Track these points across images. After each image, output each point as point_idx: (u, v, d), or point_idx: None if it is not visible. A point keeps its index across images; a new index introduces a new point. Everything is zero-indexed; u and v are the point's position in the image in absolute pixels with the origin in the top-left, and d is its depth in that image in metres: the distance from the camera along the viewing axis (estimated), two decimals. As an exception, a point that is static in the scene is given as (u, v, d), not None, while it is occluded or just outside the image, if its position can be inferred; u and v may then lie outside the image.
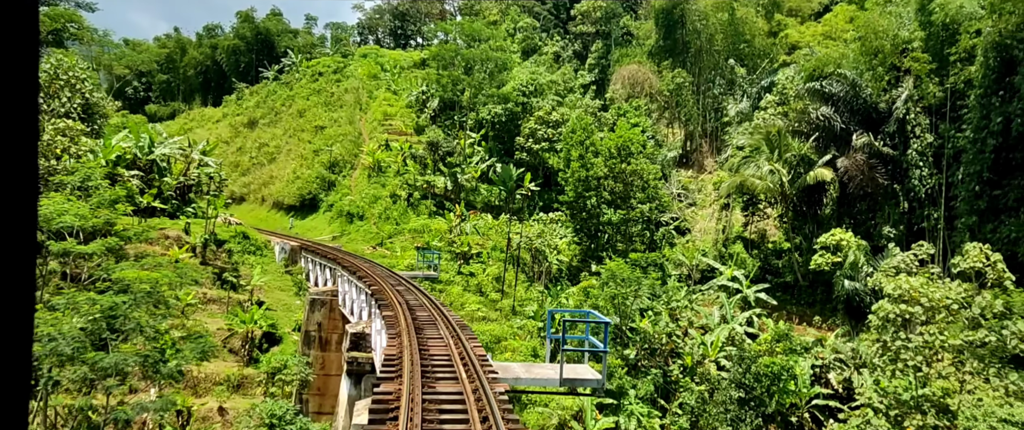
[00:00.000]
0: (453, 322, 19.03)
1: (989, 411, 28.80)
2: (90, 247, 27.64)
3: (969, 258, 34.80)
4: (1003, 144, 42.13)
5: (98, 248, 27.67)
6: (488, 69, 70.37)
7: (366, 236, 56.76)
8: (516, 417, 9.43)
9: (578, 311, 35.58)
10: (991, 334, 30.87)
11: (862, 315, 43.29)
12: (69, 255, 29.08)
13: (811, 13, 78.68)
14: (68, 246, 27.26)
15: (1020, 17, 40.12)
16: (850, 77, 49.09)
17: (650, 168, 55.18)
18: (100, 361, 25.05)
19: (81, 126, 37.02)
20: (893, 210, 49.40)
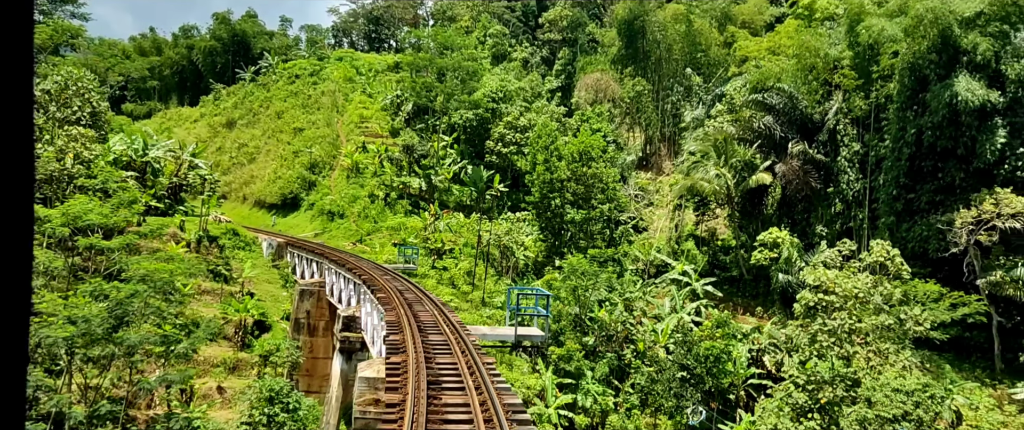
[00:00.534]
0: (436, 301, 23.57)
1: (885, 382, 33.98)
2: (113, 242, 31.61)
3: (874, 253, 40.07)
4: (916, 153, 47.57)
5: (119, 244, 31.65)
6: (460, 76, 74.76)
7: (346, 233, 60.97)
8: (484, 352, 13.93)
9: (528, 288, 40.43)
10: (891, 318, 36.06)
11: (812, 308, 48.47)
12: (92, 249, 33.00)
13: (763, 25, 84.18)
14: (94, 241, 31.21)
15: (931, 41, 45.52)
16: (788, 90, 54.35)
17: (609, 172, 59.94)
18: (128, 339, 29.18)
19: (91, 133, 40.75)
20: (826, 211, 54.78)
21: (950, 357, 45.02)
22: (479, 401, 11.46)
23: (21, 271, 1.40)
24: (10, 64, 1.37)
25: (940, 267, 46.85)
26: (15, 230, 1.39)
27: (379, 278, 28.77)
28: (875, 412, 33.70)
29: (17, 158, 1.37)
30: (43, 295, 30.56)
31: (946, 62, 45.62)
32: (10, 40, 1.36)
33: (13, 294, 1.39)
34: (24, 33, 1.38)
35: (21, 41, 1.38)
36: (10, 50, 1.36)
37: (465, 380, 13.07)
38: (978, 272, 43.99)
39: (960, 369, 44.14)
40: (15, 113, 1.38)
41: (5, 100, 1.37)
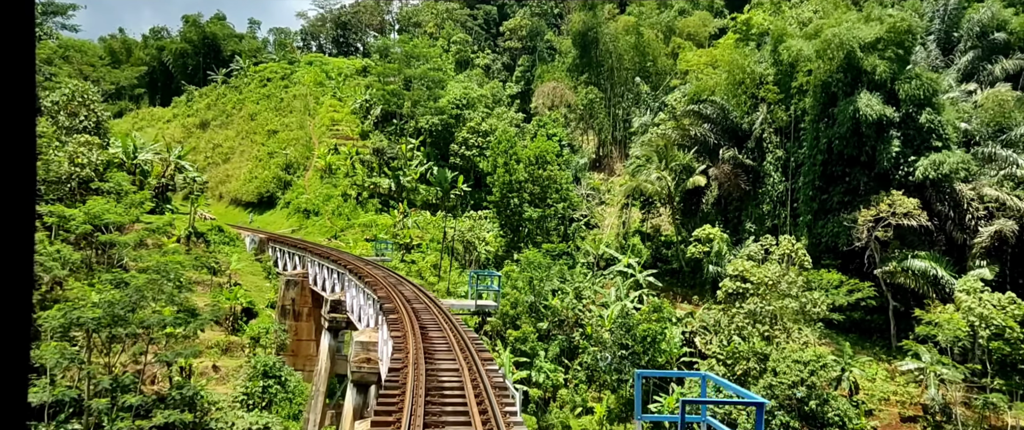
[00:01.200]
0: (413, 284, 29.35)
1: (788, 355, 40.54)
2: (128, 237, 36.80)
3: (782, 247, 46.75)
4: (828, 160, 54.44)
5: (134, 239, 36.85)
6: (426, 84, 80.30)
7: (322, 230, 66.26)
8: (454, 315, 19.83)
9: (485, 272, 46.80)
10: (795, 302, 42.70)
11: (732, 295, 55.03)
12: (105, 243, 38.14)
13: (707, 36, 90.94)
14: (114, 237, 36.38)
15: (838, 62, 52.36)
16: (721, 102, 60.97)
17: (562, 174, 66.08)
18: (147, 320, 34.49)
19: (97, 140, 45.57)
20: (754, 209, 61.51)
21: (854, 337, 51.86)
22: (454, 337, 17.31)
23: (22, 270, 1.45)
24: (12, 66, 1.42)
25: (850, 258, 53.69)
26: (16, 229, 1.43)
27: (362, 267, 34.42)
28: (779, 380, 40.21)
29: (19, 159, 1.42)
30: (70, 284, 35.54)
31: (851, 81, 52.48)
32: (11, 43, 1.42)
33: (14, 293, 1.44)
34: (25, 36, 1.45)
35: (22, 43, 1.44)
36: (12, 53, 1.42)
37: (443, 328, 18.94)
38: (877, 263, 50.89)
39: (862, 347, 51.04)
40: (17, 114, 1.43)
41: (7, 102, 1.42)
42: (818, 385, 39.96)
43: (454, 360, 15.85)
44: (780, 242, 47.84)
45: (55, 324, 33.99)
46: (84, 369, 33.58)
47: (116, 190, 40.27)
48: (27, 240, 1.45)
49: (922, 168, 49.75)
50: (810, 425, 41.01)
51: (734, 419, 40.41)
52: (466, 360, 15.68)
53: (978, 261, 46.84)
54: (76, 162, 41.44)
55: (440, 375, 14.19)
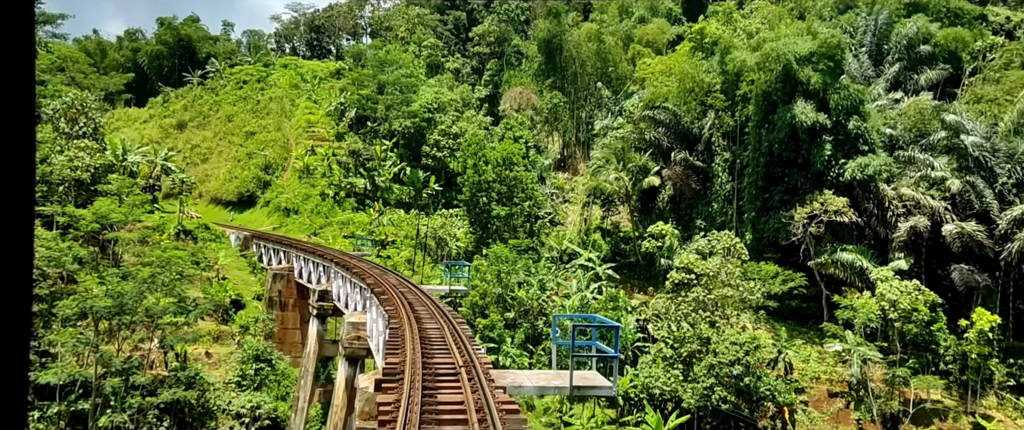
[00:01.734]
0: (396, 273, 33.83)
1: (726, 338, 45.64)
2: (133, 234, 40.79)
3: (722, 241, 51.93)
4: (769, 161, 59.74)
5: (138, 236, 40.85)
6: (399, 88, 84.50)
7: (301, 228, 70.25)
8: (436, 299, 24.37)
9: (456, 263, 51.58)
10: (733, 290, 47.85)
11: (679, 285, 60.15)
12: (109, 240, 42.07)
13: (665, 43, 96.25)
14: (120, 235, 40.33)
15: (777, 73, 57.66)
16: (673, 109, 66.07)
17: (528, 175, 70.76)
18: (152, 308, 38.56)
19: (95, 145, 49.24)
20: (705, 207, 66.76)
21: (792, 323, 57.20)
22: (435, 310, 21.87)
23: (22, 269, 1.46)
24: (12, 68, 1.43)
25: (789, 252, 59.03)
26: (16, 228, 1.44)
27: (348, 261, 38.81)
28: (719, 359, 45.29)
29: (18, 159, 1.44)
30: (82, 277, 39.35)
31: (788, 90, 57.80)
32: (11, 45, 1.43)
33: (14, 292, 1.44)
34: (25, 38, 1.46)
35: (22, 45, 1.45)
36: (12, 54, 1.43)
37: (426, 305, 23.50)
38: (812, 255, 56.28)
39: (798, 332, 56.40)
40: (17, 115, 1.44)
41: (7, 103, 1.43)
42: (753, 364, 45.12)
43: (437, 323, 20.42)
44: (721, 237, 52.98)
45: (69, 313, 37.96)
46: (94, 354, 37.55)
47: (118, 192, 44.11)
48: (26, 239, 1.48)
49: (850, 170, 55.18)
50: (745, 399, 46.24)
51: (675, 392, 45.52)
52: (445, 323, 20.27)
53: (897, 254, 52.38)
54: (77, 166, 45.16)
55: (428, 331, 18.74)
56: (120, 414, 37.70)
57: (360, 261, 40.79)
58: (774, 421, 47.25)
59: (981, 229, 49.26)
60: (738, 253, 51.34)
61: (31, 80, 1.46)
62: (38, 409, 39.60)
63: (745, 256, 52.24)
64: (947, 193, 51.92)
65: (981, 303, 48.93)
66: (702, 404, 45.02)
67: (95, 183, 45.82)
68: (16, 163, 1.42)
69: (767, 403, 46.97)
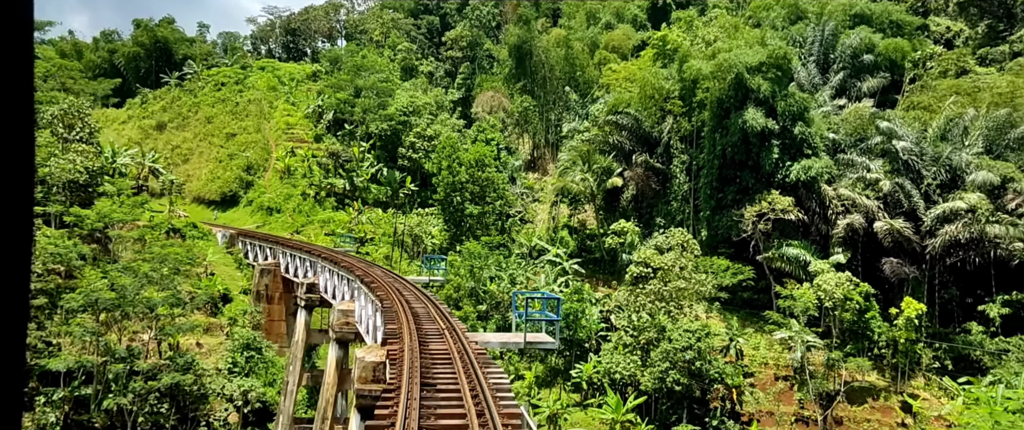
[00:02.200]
0: (379, 266, 37.67)
1: (680, 326, 50.03)
2: (134, 232, 44.17)
3: (675, 237, 56.41)
4: (723, 163, 64.30)
5: (139, 234, 44.25)
6: (376, 92, 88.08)
7: (284, 226, 73.63)
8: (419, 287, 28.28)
9: (434, 256, 55.40)
10: (687, 283, 52.29)
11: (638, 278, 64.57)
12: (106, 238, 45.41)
13: (630, 49, 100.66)
14: (122, 233, 43.70)
15: (729, 81, 62.19)
16: (634, 114, 70.47)
17: (499, 176, 74.80)
18: (153, 300, 42.00)
19: (91, 148, 52.37)
20: (664, 206, 71.24)
21: (744, 313, 61.84)
22: (420, 293, 25.81)
23: (20, 269, 1.45)
24: (11, 68, 1.43)
25: (741, 247, 63.66)
26: (15, 228, 1.44)
27: (335, 256, 42.57)
28: (673, 345, 49.66)
29: (18, 160, 1.44)
30: (86, 272, 42.61)
31: (740, 98, 62.38)
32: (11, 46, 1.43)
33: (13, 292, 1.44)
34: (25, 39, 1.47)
35: (22, 46, 1.45)
36: (11, 55, 1.43)
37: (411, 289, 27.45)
38: (761, 250, 60.94)
39: (749, 321, 61.04)
40: (16, 116, 1.44)
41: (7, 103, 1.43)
42: (704, 350, 49.54)
43: (422, 303, 24.38)
44: (675, 234, 57.45)
45: (75, 305, 41.32)
46: (99, 342, 40.93)
47: (118, 193, 47.43)
48: (26, 238, 1.49)
49: (795, 171, 59.92)
50: (697, 381, 50.66)
51: (634, 376, 49.85)
52: (429, 303, 24.30)
53: (836, 248, 57.18)
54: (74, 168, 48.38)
55: (415, 308, 22.65)
56: (123, 397, 41.07)
57: (346, 256, 44.51)
58: (724, 401, 51.76)
59: (909, 226, 54.20)
60: (691, 248, 55.79)
61: (30, 82, 1.49)
62: (43, 394, 42.86)
63: (697, 251, 56.74)
64: (880, 193, 56.83)
65: (910, 293, 53.81)
66: (658, 386, 49.35)
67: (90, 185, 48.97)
68: (16, 162, 1.45)
69: (717, 385, 51.43)
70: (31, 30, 1.50)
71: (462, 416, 11.50)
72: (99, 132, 60.64)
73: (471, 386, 12.80)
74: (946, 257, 53.77)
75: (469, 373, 13.81)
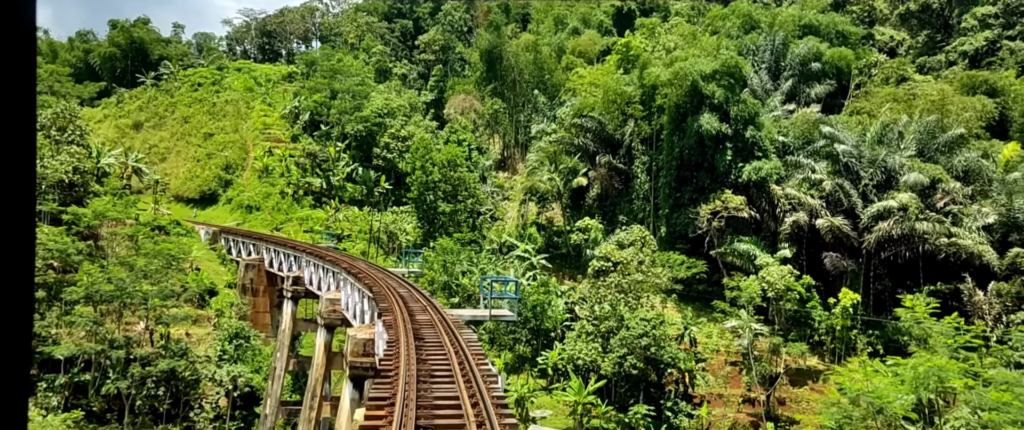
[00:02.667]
0: (364, 260, 41.39)
1: (637, 315, 54.32)
2: (128, 230, 47.45)
3: (633, 234, 60.76)
4: (681, 164, 68.77)
5: (132, 231, 47.52)
6: (351, 94, 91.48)
7: (264, 223, 76.83)
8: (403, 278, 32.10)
9: (412, 250, 59.09)
10: (645, 276, 56.62)
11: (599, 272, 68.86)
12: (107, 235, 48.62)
13: (596, 54, 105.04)
14: (117, 231, 46.94)
15: (686, 88, 66.65)
16: (598, 118, 74.75)
17: (470, 176, 78.68)
18: (149, 290, 45.34)
19: (82, 151, 55.37)
20: (626, 204, 75.63)
21: (699, 305, 66.40)
22: (401, 282, 29.68)
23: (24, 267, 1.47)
24: (14, 68, 1.45)
25: (697, 243, 68.19)
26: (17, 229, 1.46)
27: (320, 251, 46.21)
28: (630, 333, 53.93)
29: (20, 160, 1.45)
30: (86, 266, 45.73)
31: (696, 103, 66.87)
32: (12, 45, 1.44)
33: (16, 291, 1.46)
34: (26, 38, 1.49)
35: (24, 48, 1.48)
36: (14, 55, 1.44)
37: (396, 279, 31.30)
38: (715, 246, 65.48)
39: (703, 312, 65.59)
40: (18, 117, 1.45)
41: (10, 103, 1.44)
42: (659, 336, 53.89)
43: (405, 288, 28.31)
44: (634, 231, 61.82)
45: (77, 297, 44.56)
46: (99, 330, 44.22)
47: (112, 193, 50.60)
48: (29, 234, 1.50)
49: (747, 172, 64.52)
50: (653, 366, 55.00)
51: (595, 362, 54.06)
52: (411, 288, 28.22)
53: (783, 244, 61.91)
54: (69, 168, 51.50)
55: (399, 291, 26.55)
56: (122, 381, 44.37)
57: (329, 252, 48.16)
58: (677, 384, 56.19)
59: (847, 223, 59.07)
60: (648, 244, 60.18)
61: (32, 81, 1.51)
62: (45, 380, 46.03)
63: (654, 247, 61.19)
64: (823, 193, 61.66)
65: (848, 285, 58.70)
66: (617, 371, 53.57)
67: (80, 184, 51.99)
68: (18, 162, 1.47)
69: (671, 370, 55.80)
70: (33, 34, 1.55)
71: (445, 356, 15.54)
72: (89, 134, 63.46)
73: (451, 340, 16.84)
74: (880, 251, 58.69)
75: (449, 332, 17.90)
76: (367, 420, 12.35)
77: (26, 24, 1.50)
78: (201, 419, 48.31)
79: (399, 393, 12.47)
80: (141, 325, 52.49)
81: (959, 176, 59.91)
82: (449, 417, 12.03)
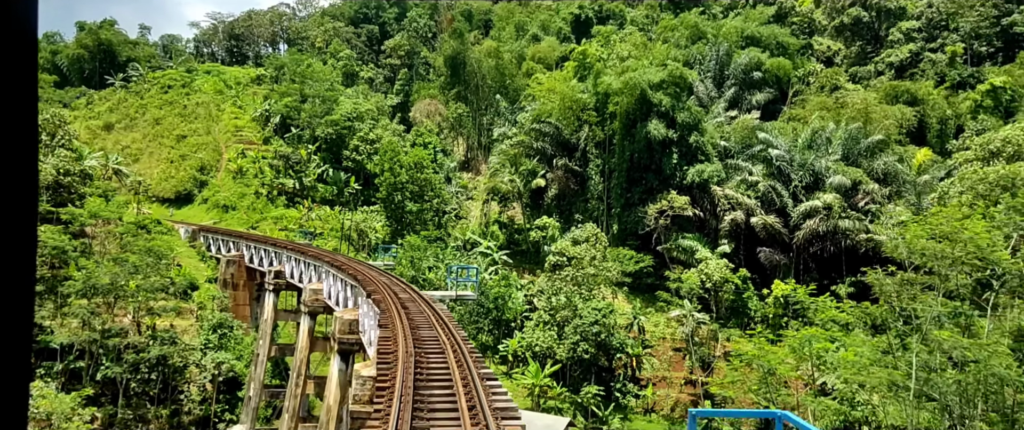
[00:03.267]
0: (342, 255, 46.04)
1: (590, 306, 59.70)
2: (121, 228, 51.45)
3: (586, 231, 66.20)
4: (631, 166, 74.40)
5: (123, 230, 51.52)
6: (321, 98, 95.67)
7: (239, 222, 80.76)
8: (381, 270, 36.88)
9: (386, 244, 63.58)
10: (597, 270, 62.04)
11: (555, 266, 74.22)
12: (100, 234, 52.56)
13: (555, 60, 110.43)
14: (111, 229, 50.94)
15: (635, 96, 72.25)
16: (555, 123, 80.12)
17: (436, 177, 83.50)
18: (142, 283, 49.45)
19: (72, 155, 59.08)
20: (582, 204, 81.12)
21: (648, 296, 72.08)
22: (386, 274, 34.53)
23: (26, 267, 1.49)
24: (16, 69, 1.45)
25: (645, 239, 73.86)
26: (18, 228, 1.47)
27: (299, 247, 50.74)
28: (583, 321, 59.30)
29: (23, 161, 1.47)
30: (83, 262, 49.67)
31: (645, 110, 72.53)
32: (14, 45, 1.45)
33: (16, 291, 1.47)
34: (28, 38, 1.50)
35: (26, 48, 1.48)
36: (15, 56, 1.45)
37: (375, 271, 36.13)
38: (662, 242, 71.21)
39: (651, 303, 71.27)
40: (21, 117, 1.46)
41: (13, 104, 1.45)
42: (609, 325, 59.36)
43: (385, 277, 33.19)
44: (586, 228, 67.27)
45: (75, 290, 48.54)
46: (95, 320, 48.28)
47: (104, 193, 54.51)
48: (30, 232, 1.52)
49: (691, 175, 70.36)
50: (603, 351, 60.46)
51: (551, 348, 59.35)
52: (389, 276, 33.10)
53: (723, 240, 67.83)
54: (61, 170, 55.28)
55: (380, 279, 31.51)
56: (118, 367, 48.46)
57: (308, 248, 52.67)
58: (626, 368, 61.73)
59: (779, 221, 65.19)
60: (600, 240, 65.66)
61: (33, 83, 1.52)
62: (43, 367, 49.89)
63: (606, 243, 66.68)
64: (759, 193, 67.72)
65: (781, 277, 64.79)
66: (571, 356, 58.91)
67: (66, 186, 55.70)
68: (20, 162, 1.47)
69: (620, 355, 61.32)
70: (35, 36, 1.57)
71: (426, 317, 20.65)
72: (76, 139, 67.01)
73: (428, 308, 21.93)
74: (809, 247, 64.90)
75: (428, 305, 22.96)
76: (380, 342, 17.37)
77: (27, 25, 1.53)
78: (188, 401, 52.53)
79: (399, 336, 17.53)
80: (128, 317, 56.39)
81: (879, 178, 66.34)
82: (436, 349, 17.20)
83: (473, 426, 11.62)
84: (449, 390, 14.44)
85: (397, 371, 14.69)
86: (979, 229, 24.42)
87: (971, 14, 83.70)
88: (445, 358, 16.93)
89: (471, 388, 14.15)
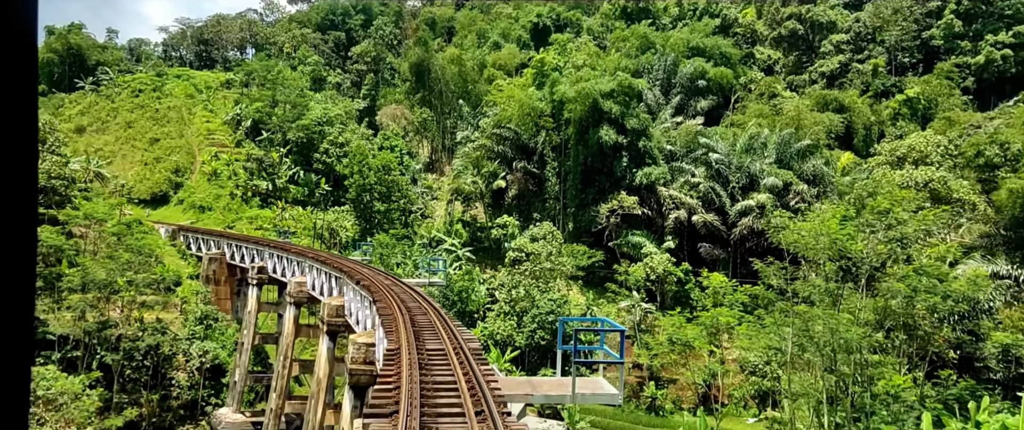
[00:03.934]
0: (321, 252, 51.14)
1: (546, 297, 65.46)
2: (114, 227, 55.87)
3: (543, 229, 72.03)
4: (585, 169, 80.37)
5: (116, 230, 55.97)
6: (292, 103, 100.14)
7: (216, 222, 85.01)
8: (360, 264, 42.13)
9: (363, 240, 68.64)
10: (553, 265, 67.88)
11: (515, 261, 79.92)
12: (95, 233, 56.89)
13: (515, 66, 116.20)
14: (107, 228, 55.31)
15: (588, 104, 78.20)
16: (514, 128, 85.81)
17: (403, 179, 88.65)
18: (135, 278, 53.98)
19: (61, 159, 63.13)
20: (540, 204, 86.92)
21: (600, 289, 78.06)
22: (367, 266, 39.85)
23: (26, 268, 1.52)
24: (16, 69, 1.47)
25: (598, 236, 79.89)
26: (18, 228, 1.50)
27: (282, 244, 55.67)
28: (540, 310, 65.01)
29: (23, 161, 1.49)
30: (80, 259, 53.99)
31: (597, 117, 78.54)
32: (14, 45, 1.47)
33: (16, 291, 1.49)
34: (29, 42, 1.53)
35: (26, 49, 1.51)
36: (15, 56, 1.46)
37: (356, 264, 41.36)
38: (613, 239, 77.29)
39: (602, 295, 77.28)
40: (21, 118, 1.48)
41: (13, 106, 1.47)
42: (562, 312, 65.12)
43: (370, 269, 38.50)
44: (543, 226, 73.10)
45: (73, 284, 52.92)
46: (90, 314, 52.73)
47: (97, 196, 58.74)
48: (30, 235, 1.55)
49: (639, 176, 76.52)
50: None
51: (511, 336, 65.00)
52: (369, 268, 38.43)
53: (668, 236, 74.12)
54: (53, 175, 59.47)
55: (364, 271, 36.88)
56: (115, 355, 52.95)
57: (290, 245, 57.57)
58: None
59: (718, 219, 71.62)
60: (556, 237, 71.51)
61: (33, 82, 1.55)
62: (42, 356, 54.15)
63: (561, 240, 72.54)
64: (700, 193, 74.12)
65: (720, 270, 71.21)
66: (529, 342, 64.59)
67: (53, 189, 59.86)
68: (20, 163, 1.49)
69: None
70: (35, 36, 1.59)
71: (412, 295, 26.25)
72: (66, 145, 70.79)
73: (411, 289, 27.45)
74: (744, 243, 71.43)
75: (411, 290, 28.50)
76: (381, 318, 22.85)
77: (27, 25, 1.55)
78: (177, 387, 57.16)
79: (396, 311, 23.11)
80: (118, 311, 60.67)
81: (808, 179, 73.17)
82: (426, 323, 22.87)
83: (459, 366, 17.26)
84: (440, 345, 20.10)
85: (402, 335, 20.16)
86: (834, 227, 30.60)
87: (894, 28, 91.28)
88: (431, 318, 22.61)
89: (456, 343, 19.90)
